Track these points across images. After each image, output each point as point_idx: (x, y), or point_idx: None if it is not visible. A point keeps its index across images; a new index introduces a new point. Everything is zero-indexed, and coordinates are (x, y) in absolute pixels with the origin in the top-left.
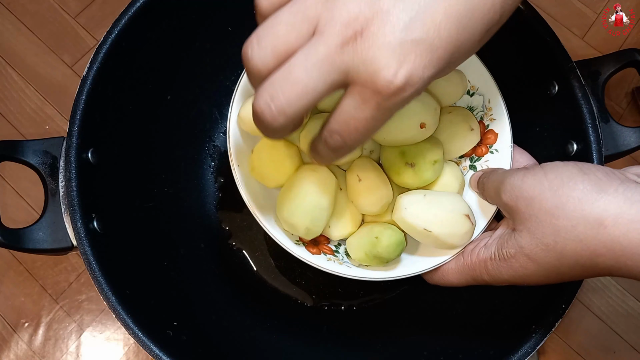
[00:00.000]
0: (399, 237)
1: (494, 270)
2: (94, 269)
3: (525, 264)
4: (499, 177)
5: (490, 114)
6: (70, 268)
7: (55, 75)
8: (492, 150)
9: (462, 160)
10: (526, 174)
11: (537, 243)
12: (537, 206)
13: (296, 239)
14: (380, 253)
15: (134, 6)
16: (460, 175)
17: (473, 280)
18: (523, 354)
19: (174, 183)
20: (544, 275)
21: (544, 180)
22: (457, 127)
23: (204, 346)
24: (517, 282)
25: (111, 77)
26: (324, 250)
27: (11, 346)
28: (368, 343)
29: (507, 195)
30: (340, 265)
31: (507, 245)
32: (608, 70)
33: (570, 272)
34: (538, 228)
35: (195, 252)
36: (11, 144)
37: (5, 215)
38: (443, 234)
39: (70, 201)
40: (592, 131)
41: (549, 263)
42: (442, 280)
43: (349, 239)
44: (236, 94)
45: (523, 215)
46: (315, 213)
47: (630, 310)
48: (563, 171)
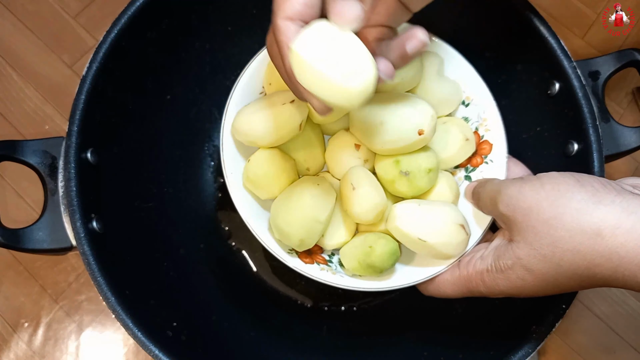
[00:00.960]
0: (392, 246)
1: (490, 281)
2: (93, 269)
3: (522, 275)
4: (495, 187)
5: (485, 125)
6: (70, 268)
7: (55, 75)
8: (487, 161)
9: (457, 170)
10: (523, 185)
11: (535, 254)
12: (534, 217)
13: (289, 248)
14: (373, 262)
15: (133, 6)
16: (455, 185)
17: (469, 292)
18: (523, 354)
19: (174, 183)
20: (541, 286)
21: (541, 190)
22: (453, 136)
23: (204, 346)
24: (514, 294)
25: (111, 77)
26: (317, 259)
27: (11, 346)
28: (368, 343)
29: (504, 206)
30: (333, 275)
31: (504, 257)
32: (608, 70)
33: (568, 282)
34: (535, 239)
35: (195, 252)
36: (11, 144)
37: (5, 215)
38: (437, 244)
39: (70, 201)
40: (592, 131)
41: (547, 274)
42: (437, 291)
43: (343, 249)
44: (230, 102)
45: (520, 225)
46: (312, 226)
47: (630, 310)
48: (560, 182)
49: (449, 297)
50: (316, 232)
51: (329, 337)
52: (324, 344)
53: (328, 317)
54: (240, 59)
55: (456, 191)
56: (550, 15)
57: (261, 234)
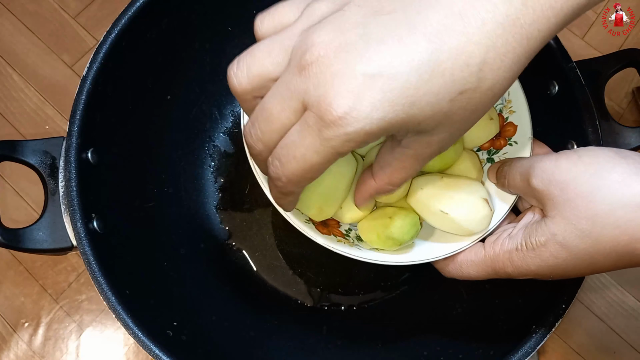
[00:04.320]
0: (413, 218)
1: (519, 261)
2: (93, 269)
3: (556, 252)
4: (527, 163)
5: (510, 106)
6: (70, 268)
7: (55, 75)
8: (510, 143)
9: (480, 153)
10: (559, 158)
11: (572, 229)
12: (572, 190)
13: (306, 218)
14: (393, 234)
15: (134, 6)
16: (479, 163)
17: (494, 273)
18: (523, 354)
19: (174, 183)
20: (575, 264)
21: (579, 163)
22: None
23: (204, 346)
24: (544, 274)
25: (111, 77)
26: (335, 232)
27: (11, 346)
28: (368, 343)
29: (537, 180)
30: (351, 248)
31: (536, 233)
32: (608, 70)
33: (604, 260)
34: (573, 213)
35: (195, 252)
36: (11, 144)
37: (5, 215)
38: (460, 217)
39: (70, 201)
40: (592, 131)
41: (583, 250)
42: (458, 272)
43: (361, 222)
44: None
45: (556, 200)
46: (330, 194)
47: (630, 310)
48: (599, 154)
49: (472, 278)
50: (335, 201)
51: (329, 337)
52: (324, 344)
53: (328, 317)
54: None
55: (479, 170)
56: None
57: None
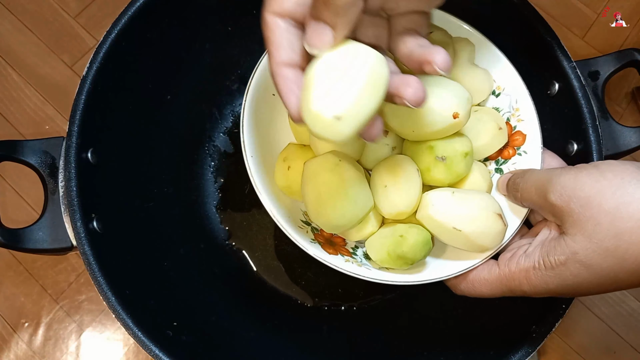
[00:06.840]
0: (425, 235)
1: (537, 279)
2: (93, 269)
3: (577, 271)
4: (543, 176)
5: (517, 115)
6: (70, 268)
7: (55, 75)
8: (519, 152)
9: (487, 163)
10: (579, 173)
11: (595, 248)
12: (595, 207)
13: (311, 237)
14: (405, 253)
15: (134, 6)
16: (488, 175)
17: (509, 292)
18: (523, 354)
19: (174, 183)
20: (598, 283)
21: (602, 179)
22: (485, 125)
23: (204, 346)
24: (564, 293)
25: (111, 77)
26: (342, 251)
27: (11, 346)
28: (368, 343)
29: (556, 195)
30: (359, 267)
31: (554, 252)
32: (608, 70)
33: (629, 278)
34: (596, 231)
35: (195, 252)
36: (11, 144)
37: (5, 215)
38: (474, 234)
39: (70, 201)
40: (592, 131)
41: (607, 269)
42: (471, 290)
43: (370, 240)
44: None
45: (577, 217)
46: (359, 211)
47: (630, 310)
48: (622, 170)
49: (485, 296)
50: (356, 219)
51: (329, 337)
52: (324, 344)
53: (328, 317)
54: (240, 59)
55: (489, 181)
56: (550, 15)
57: (284, 222)
